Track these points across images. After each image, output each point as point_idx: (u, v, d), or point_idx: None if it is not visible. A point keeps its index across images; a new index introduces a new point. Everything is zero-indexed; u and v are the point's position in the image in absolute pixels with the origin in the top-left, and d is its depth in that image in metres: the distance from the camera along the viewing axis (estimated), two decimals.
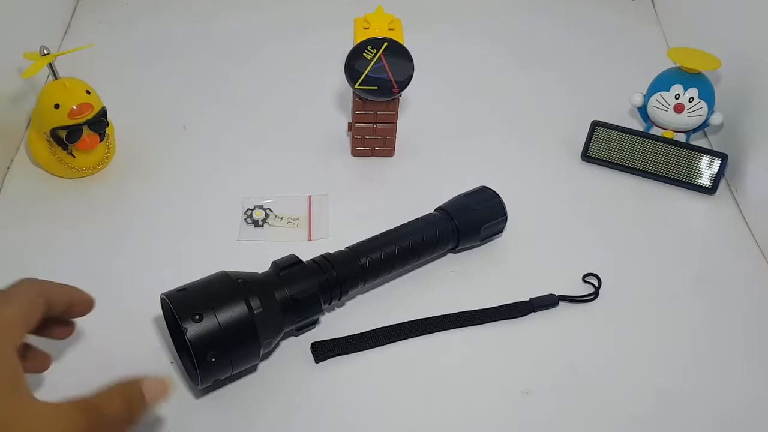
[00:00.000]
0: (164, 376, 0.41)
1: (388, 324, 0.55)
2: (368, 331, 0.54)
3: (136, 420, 0.39)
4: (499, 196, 0.61)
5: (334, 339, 0.54)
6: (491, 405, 0.51)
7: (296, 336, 0.54)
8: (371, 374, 0.52)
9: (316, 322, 0.54)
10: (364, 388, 0.51)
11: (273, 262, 0.52)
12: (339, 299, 0.54)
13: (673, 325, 0.58)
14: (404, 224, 0.58)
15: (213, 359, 0.45)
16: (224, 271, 0.49)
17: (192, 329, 0.44)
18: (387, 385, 0.52)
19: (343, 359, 0.53)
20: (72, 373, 0.50)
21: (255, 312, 0.47)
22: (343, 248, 0.55)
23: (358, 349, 0.53)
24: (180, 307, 0.45)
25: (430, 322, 0.55)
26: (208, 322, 0.45)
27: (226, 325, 0.45)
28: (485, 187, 0.62)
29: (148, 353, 0.52)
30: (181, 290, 0.47)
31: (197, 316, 0.45)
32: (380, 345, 0.54)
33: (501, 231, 0.62)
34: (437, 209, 0.60)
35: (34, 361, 0.45)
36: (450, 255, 0.61)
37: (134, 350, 0.52)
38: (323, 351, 0.53)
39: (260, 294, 0.48)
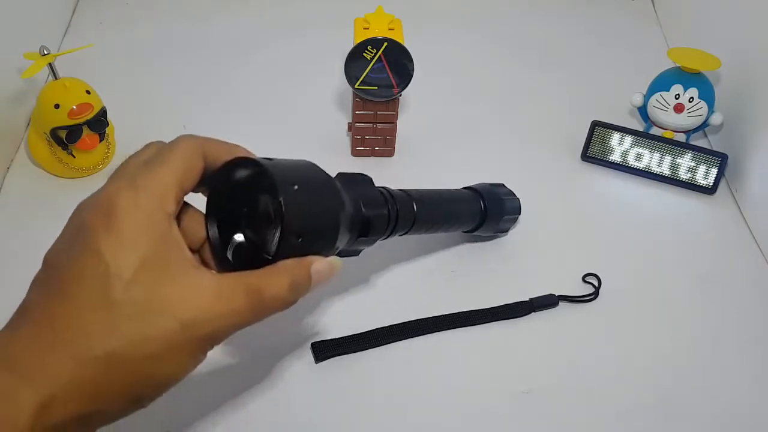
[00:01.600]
0: (333, 258, 0.37)
1: (388, 324, 0.55)
2: (368, 331, 0.54)
3: (296, 301, 0.36)
4: (516, 196, 0.62)
5: (334, 339, 0.54)
6: (491, 405, 0.51)
7: (341, 255, 0.46)
8: (371, 374, 0.52)
9: (359, 252, 0.47)
10: (364, 387, 0.51)
11: (339, 173, 0.45)
12: (387, 237, 0.49)
13: (673, 325, 0.58)
14: (444, 189, 0.57)
15: (300, 239, 0.36)
16: (307, 160, 0.40)
17: (289, 197, 0.34)
18: (387, 385, 0.52)
19: (343, 359, 0.53)
20: None
21: (342, 205, 0.40)
22: (397, 189, 0.50)
23: (358, 349, 0.53)
24: (276, 172, 0.35)
25: (430, 322, 0.55)
26: (304, 196, 0.36)
27: (319, 208, 0.37)
28: (503, 184, 0.63)
29: None
30: (265, 159, 0.37)
31: (295, 186, 0.35)
32: (380, 345, 0.54)
33: (507, 230, 0.62)
34: (465, 188, 0.60)
35: (192, 224, 0.37)
36: (451, 254, 0.61)
37: None
38: (323, 351, 0.53)
39: (347, 195, 0.41)
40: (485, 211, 0.58)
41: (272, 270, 0.34)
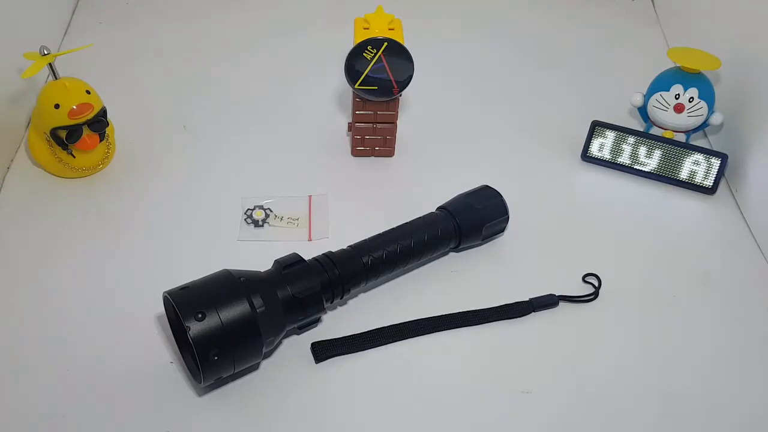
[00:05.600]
0: None
1: (388, 324, 0.55)
2: (368, 331, 0.54)
3: None
4: (501, 195, 0.61)
5: (334, 339, 0.54)
6: (491, 405, 0.51)
7: (298, 334, 0.54)
8: (371, 374, 0.52)
9: (318, 320, 0.54)
10: (364, 388, 0.51)
11: (275, 260, 0.52)
12: (341, 298, 0.54)
13: (672, 325, 0.58)
14: (406, 223, 0.58)
15: (215, 357, 0.45)
16: (227, 270, 0.49)
17: (195, 327, 0.44)
18: (387, 385, 0.52)
19: (343, 359, 0.53)
20: (72, 372, 0.50)
21: (257, 310, 0.47)
22: (345, 247, 0.55)
23: (358, 349, 0.53)
24: (183, 305, 0.45)
25: (431, 322, 0.55)
26: (211, 321, 0.45)
27: (229, 324, 0.45)
28: (487, 186, 0.62)
29: (149, 352, 0.52)
30: (184, 288, 0.47)
31: (200, 315, 0.45)
32: (380, 345, 0.54)
33: (503, 230, 0.62)
34: (439, 208, 0.60)
35: None
36: (451, 254, 0.61)
37: (135, 349, 0.52)
38: (323, 351, 0.53)
39: (263, 292, 0.48)
40: (459, 228, 0.58)
41: None
